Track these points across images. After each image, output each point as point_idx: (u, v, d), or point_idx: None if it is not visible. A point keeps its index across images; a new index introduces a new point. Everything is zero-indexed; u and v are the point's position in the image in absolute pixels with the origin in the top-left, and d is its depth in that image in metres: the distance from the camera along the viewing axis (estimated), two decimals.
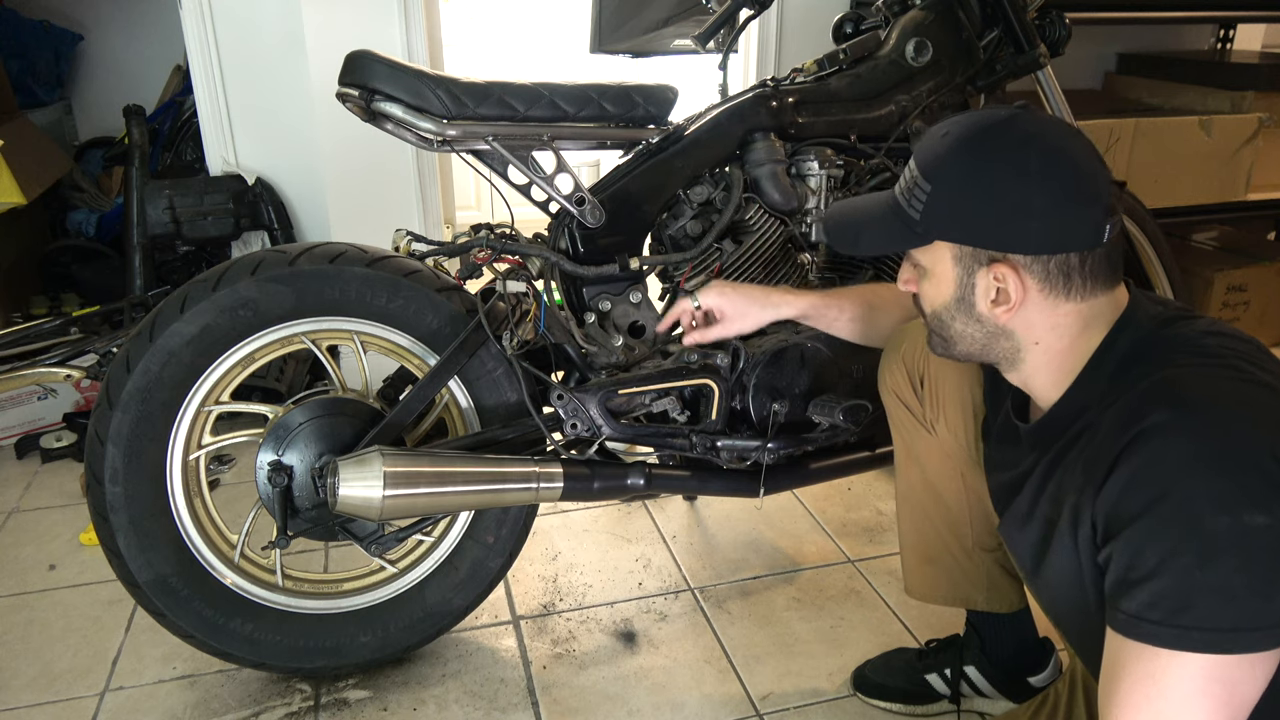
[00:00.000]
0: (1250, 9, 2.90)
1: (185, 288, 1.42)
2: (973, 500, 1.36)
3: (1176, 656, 0.80)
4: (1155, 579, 0.80)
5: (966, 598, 1.45)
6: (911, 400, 1.37)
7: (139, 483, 1.43)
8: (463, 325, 1.51)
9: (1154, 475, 0.82)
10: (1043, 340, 0.97)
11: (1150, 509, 0.81)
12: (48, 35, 3.34)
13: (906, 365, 1.36)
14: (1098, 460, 0.87)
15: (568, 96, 1.51)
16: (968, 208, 0.94)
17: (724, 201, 1.61)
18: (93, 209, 3.11)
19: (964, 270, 0.97)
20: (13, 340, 2.26)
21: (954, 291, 0.98)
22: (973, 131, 0.94)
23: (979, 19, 1.79)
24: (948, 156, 0.95)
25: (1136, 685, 0.82)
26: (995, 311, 0.96)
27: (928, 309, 1.04)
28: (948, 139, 0.95)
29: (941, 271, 0.99)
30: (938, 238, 0.97)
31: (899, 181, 1.02)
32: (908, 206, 0.98)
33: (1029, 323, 0.96)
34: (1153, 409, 0.84)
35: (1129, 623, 0.83)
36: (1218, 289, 2.78)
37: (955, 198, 0.94)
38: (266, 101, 2.53)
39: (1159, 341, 0.92)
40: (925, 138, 1.00)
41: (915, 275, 1.05)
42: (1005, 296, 0.94)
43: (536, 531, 2.04)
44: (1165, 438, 0.82)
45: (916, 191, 0.97)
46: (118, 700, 1.58)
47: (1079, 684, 1.21)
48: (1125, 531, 0.83)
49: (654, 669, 1.65)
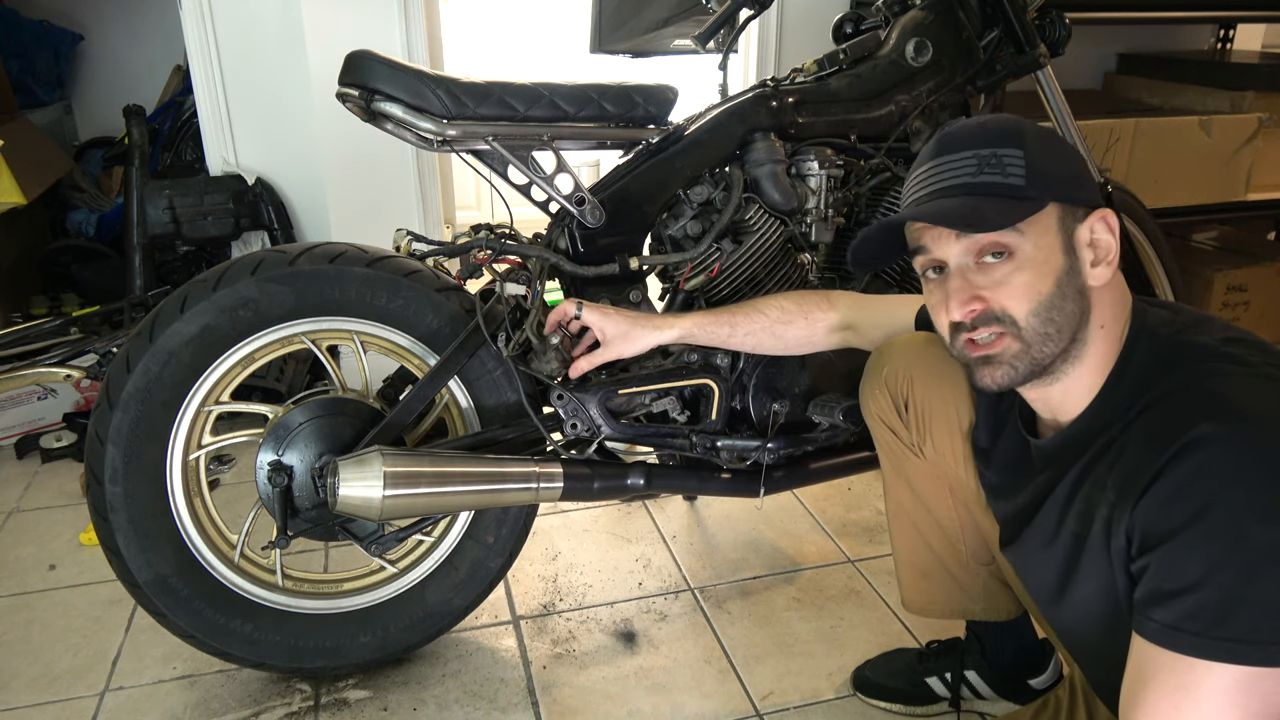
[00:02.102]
0: (1250, 9, 2.90)
1: (185, 288, 1.42)
2: (964, 517, 1.35)
3: (1213, 668, 0.79)
4: (1198, 590, 0.80)
5: (964, 609, 1.44)
6: (897, 424, 1.34)
7: (139, 483, 1.43)
8: (463, 325, 1.51)
9: (1200, 487, 0.81)
10: (1106, 322, 0.96)
11: (1195, 520, 0.80)
12: (48, 35, 3.34)
13: (890, 390, 1.32)
14: (1136, 472, 0.86)
15: (568, 96, 1.51)
16: (1060, 166, 0.94)
17: (724, 201, 1.61)
18: (93, 209, 3.11)
19: (1065, 234, 0.93)
20: (13, 340, 2.26)
21: (1064, 261, 0.93)
22: (1007, 116, 0.97)
23: (979, 19, 1.78)
24: (1016, 124, 0.95)
25: (1167, 695, 0.82)
26: (1097, 271, 0.94)
27: (1029, 304, 0.93)
28: (995, 118, 0.97)
29: (1047, 243, 0.93)
30: (1053, 199, 0.93)
31: (961, 167, 0.95)
32: (1004, 178, 0.92)
33: (1108, 289, 0.96)
34: (1198, 420, 0.82)
35: (1164, 632, 0.82)
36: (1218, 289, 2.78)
37: (1048, 157, 0.94)
38: (266, 101, 2.53)
39: (1183, 350, 0.91)
40: (956, 131, 0.98)
41: (987, 282, 0.94)
42: (1106, 246, 0.94)
43: (536, 531, 2.04)
44: (1213, 449, 0.81)
45: (1008, 161, 0.93)
46: (118, 700, 1.58)
47: (1080, 691, 1.21)
48: (1167, 543, 0.82)
49: (654, 669, 1.65)
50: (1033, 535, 1.04)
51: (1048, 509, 1.01)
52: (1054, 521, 1.00)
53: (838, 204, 1.68)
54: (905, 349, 1.31)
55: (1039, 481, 1.03)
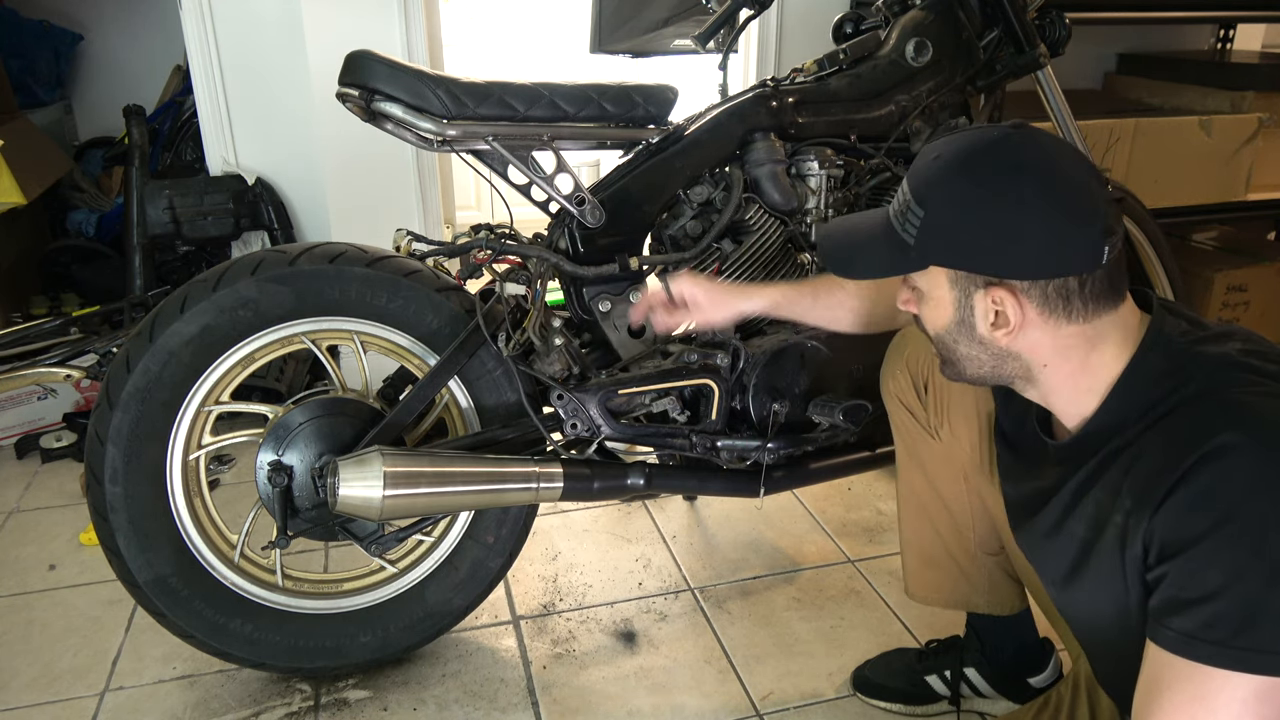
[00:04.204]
0: (1250, 9, 2.90)
1: (185, 288, 1.42)
2: (975, 504, 1.36)
3: (1231, 677, 0.79)
4: (1217, 599, 0.80)
5: (967, 600, 1.44)
6: (915, 406, 1.36)
7: (139, 483, 1.44)
8: (463, 325, 1.51)
9: (1220, 497, 0.81)
10: (1050, 362, 0.95)
11: (1215, 530, 0.80)
12: (48, 35, 3.34)
13: (910, 371, 1.35)
14: (1151, 481, 0.86)
15: (568, 96, 1.51)
16: (961, 233, 0.92)
17: (724, 201, 1.61)
18: (93, 209, 3.11)
19: (961, 293, 0.95)
20: (13, 340, 2.26)
21: (953, 315, 0.97)
22: (964, 155, 0.92)
23: (979, 19, 1.78)
24: (940, 180, 0.93)
25: (1183, 704, 0.82)
26: (996, 335, 0.94)
27: (930, 332, 1.02)
28: (939, 162, 0.94)
29: (939, 295, 0.97)
30: (933, 263, 0.95)
31: (893, 204, 1.00)
32: (901, 231, 0.96)
33: (1033, 345, 0.94)
34: (1218, 430, 0.82)
35: (1181, 641, 0.82)
36: (1218, 289, 2.77)
37: (948, 223, 0.92)
38: (266, 101, 2.53)
39: (1200, 360, 0.90)
40: (918, 159, 0.98)
41: (914, 297, 1.03)
42: (1004, 320, 0.93)
43: (536, 531, 2.04)
44: (1234, 458, 0.81)
45: (910, 216, 0.95)
46: (118, 700, 1.58)
47: (1082, 688, 1.21)
48: (1187, 551, 0.82)
49: (654, 669, 1.65)
50: (1036, 526, 1.05)
51: (1053, 507, 1.01)
52: (1056, 520, 1.01)
53: (838, 204, 1.68)
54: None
55: (1048, 476, 1.04)
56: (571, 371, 1.51)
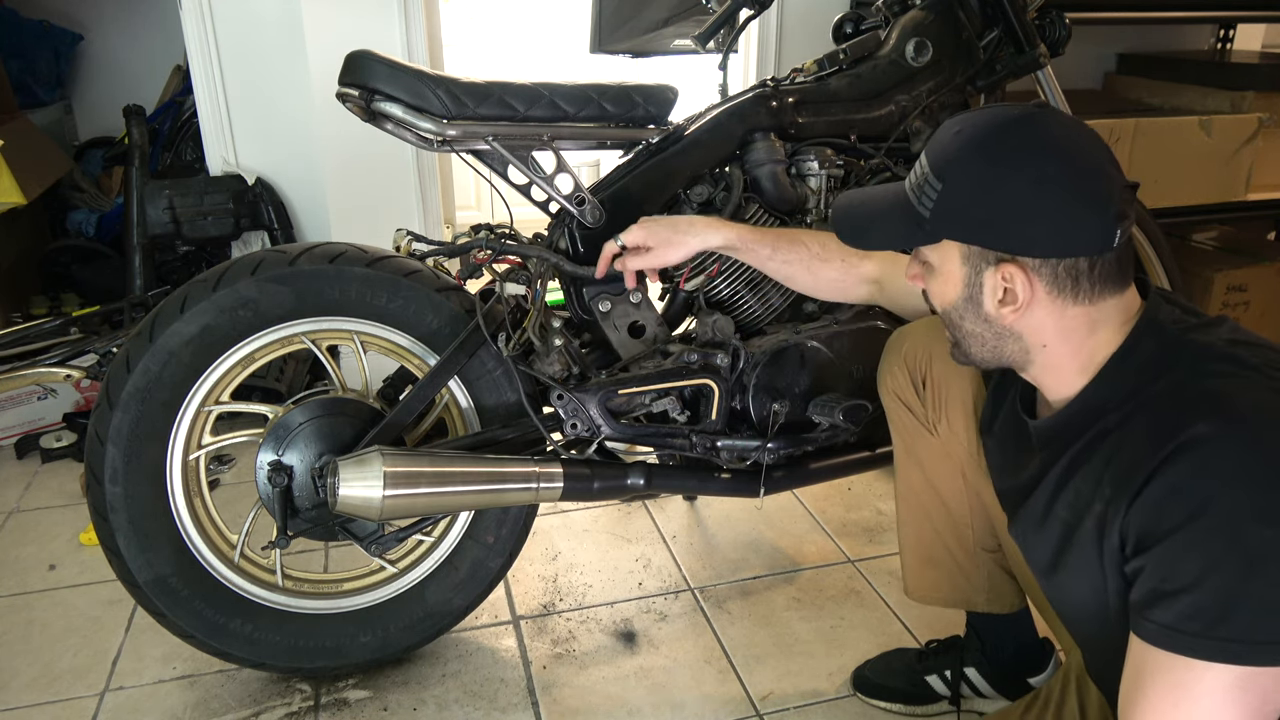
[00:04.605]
0: (1250, 9, 2.90)
1: (185, 288, 1.43)
2: (974, 501, 1.36)
3: (1211, 668, 0.79)
4: (1194, 590, 0.80)
5: (967, 599, 1.45)
6: (913, 401, 1.36)
7: (139, 483, 1.44)
8: (463, 325, 1.51)
9: (1196, 487, 0.81)
10: (1050, 343, 0.96)
11: (1191, 521, 0.80)
12: (48, 35, 3.34)
13: (908, 366, 1.35)
14: (1129, 471, 0.86)
15: (568, 96, 1.51)
16: (978, 209, 0.93)
17: (724, 201, 1.61)
18: (93, 209, 3.11)
19: (972, 269, 0.96)
20: (13, 340, 2.26)
21: (962, 290, 0.98)
22: (986, 131, 0.93)
23: (979, 19, 1.78)
24: (960, 155, 0.94)
25: (1165, 695, 0.82)
26: (1002, 312, 0.95)
27: (937, 306, 1.03)
28: (960, 137, 0.94)
29: (950, 270, 0.98)
30: (946, 236, 0.96)
31: (910, 177, 1.00)
32: (918, 204, 0.97)
33: (1037, 325, 0.95)
34: (1194, 420, 0.82)
35: (1162, 633, 0.82)
36: (1218, 289, 2.77)
37: (966, 198, 0.93)
38: (266, 101, 2.53)
39: (1187, 349, 0.91)
40: (939, 133, 0.98)
41: (923, 271, 1.03)
42: (1013, 297, 0.93)
43: (536, 531, 2.04)
44: (1208, 449, 0.81)
45: (927, 189, 0.95)
46: (118, 700, 1.58)
47: (1071, 682, 1.21)
48: (1163, 543, 0.82)
49: (654, 669, 1.65)
50: (1027, 515, 1.05)
51: (1040, 493, 1.02)
52: (1044, 506, 1.01)
53: None
54: (927, 328, 1.34)
55: (1036, 462, 1.04)
56: (571, 371, 1.51)
